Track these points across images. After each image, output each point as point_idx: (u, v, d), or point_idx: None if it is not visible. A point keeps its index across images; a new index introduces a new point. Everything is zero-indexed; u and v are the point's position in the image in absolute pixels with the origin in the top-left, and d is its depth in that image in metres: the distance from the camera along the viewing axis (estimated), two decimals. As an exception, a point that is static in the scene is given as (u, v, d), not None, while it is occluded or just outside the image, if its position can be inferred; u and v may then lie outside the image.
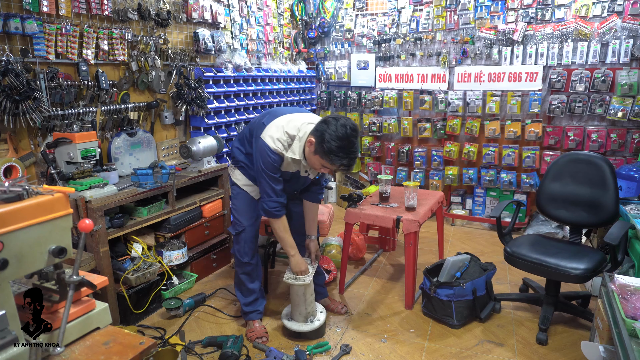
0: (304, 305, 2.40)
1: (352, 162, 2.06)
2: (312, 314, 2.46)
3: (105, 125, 2.84)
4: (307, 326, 2.42)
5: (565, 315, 2.64)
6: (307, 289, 2.37)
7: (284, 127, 2.14)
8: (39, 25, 2.39)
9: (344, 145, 1.99)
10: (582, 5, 3.65)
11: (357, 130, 2.05)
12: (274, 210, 2.21)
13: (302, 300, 2.39)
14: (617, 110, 3.57)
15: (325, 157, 2.03)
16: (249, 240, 2.42)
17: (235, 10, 3.90)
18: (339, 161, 2.02)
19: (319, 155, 2.05)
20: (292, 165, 2.21)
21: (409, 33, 4.38)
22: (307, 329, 2.41)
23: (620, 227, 2.23)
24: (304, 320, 2.43)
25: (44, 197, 1.19)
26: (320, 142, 2.01)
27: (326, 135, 1.99)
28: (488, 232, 4.14)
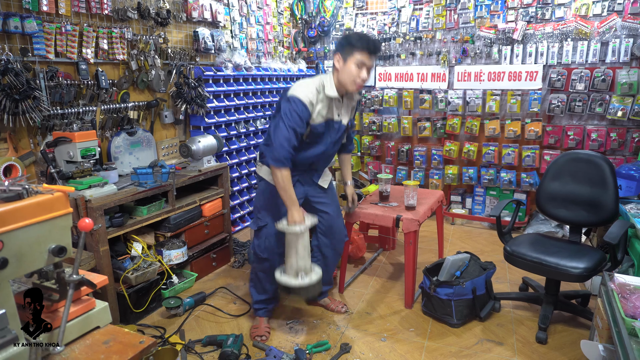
0: (295, 258, 2.23)
1: (376, 44, 2.18)
2: (305, 270, 2.26)
3: (105, 124, 2.84)
4: (295, 281, 2.24)
5: (565, 314, 2.65)
6: (299, 241, 2.21)
7: (310, 83, 2.23)
8: (38, 24, 2.38)
9: (362, 36, 2.17)
10: (582, 4, 3.65)
11: None
12: (284, 157, 2.13)
13: (294, 252, 2.23)
14: (617, 109, 3.57)
15: (352, 50, 2.15)
16: (271, 236, 2.40)
17: (235, 9, 3.90)
18: (364, 44, 2.14)
19: (348, 56, 2.16)
20: (324, 111, 2.23)
21: (408, 32, 4.38)
22: (295, 284, 2.24)
23: (620, 226, 2.24)
24: (295, 275, 2.25)
25: (43, 197, 1.19)
26: (342, 46, 2.18)
27: (343, 40, 2.20)
28: (488, 231, 4.15)
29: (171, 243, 2.87)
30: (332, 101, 2.24)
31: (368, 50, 2.14)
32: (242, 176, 3.99)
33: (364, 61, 2.15)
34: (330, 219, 2.55)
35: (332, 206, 2.57)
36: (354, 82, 2.19)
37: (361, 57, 2.14)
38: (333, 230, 2.57)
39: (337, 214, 2.60)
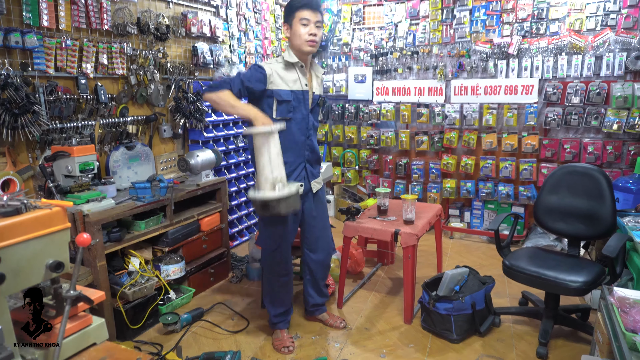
0: (270, 167, 2.02)
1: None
2: (281, 180, 2.05)
3: (103, 138, 2.84)
4: (272, 193, 2.00)
5: (565, 328, 2.63)
6: (271, 146, 2.02)
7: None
8: (39, 39, 2.41)
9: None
10: (575, 19, 3.71)
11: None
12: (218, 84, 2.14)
13: (267, 160, 2.01)
14: (612, 122, 3.60)
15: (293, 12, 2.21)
16: (287, 251, 2.43)
17: (233, 25, 3.94)
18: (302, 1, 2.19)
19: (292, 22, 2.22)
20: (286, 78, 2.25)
21: (405, 47, 4.43)
22: (273, 195, 1.99)
23: (618, 239, 2.24)
24: (272, 187, 2.02)
25: (42, 211, 1.18)
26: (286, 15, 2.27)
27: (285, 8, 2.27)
28: (486, 245, 4.14)
29: (169, 258, 2.86)
30: (294, 68, 2.27)
31: (307, 6, 2.19)
32: (241, 190, 3.99)
33: (307, 17, 2.20)
34: (317, 232, 2.54)
35: (320, 218, 2.55)
36: (305, 42, 2.22)
37: (303, 14, 2.19)
38: (320, 244, 2.56)
39: (325, 227, 2.59)
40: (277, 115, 2.24)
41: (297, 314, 2.82)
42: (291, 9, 2.22)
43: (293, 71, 2.27)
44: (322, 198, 2.58)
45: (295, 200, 2.05)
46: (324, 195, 2.60)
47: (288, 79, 2.25)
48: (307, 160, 2.42)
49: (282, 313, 2.55)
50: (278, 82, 2.23)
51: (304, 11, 2.19)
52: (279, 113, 2.25)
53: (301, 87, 2.29)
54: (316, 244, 2.55)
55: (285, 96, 2.24)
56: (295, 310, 2.79)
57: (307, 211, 2.48)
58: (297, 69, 2.28)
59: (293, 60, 2.25)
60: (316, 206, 2.52)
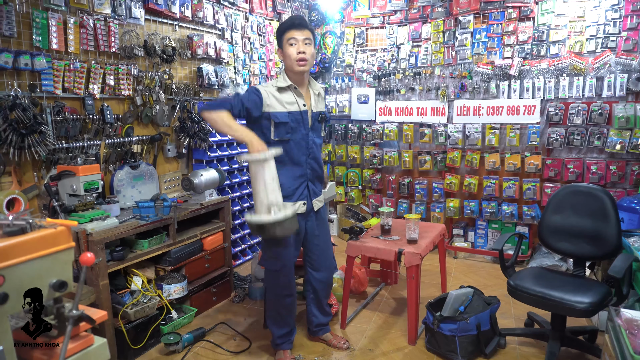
0: (265, 192, 2.06)
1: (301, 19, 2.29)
2: (277, 205, 2.08)
3: (108, 158, 2.87)
4: (268, 216, 2.04)
5: (572, 351, 2.58)
6: (266, 172, 2.06)
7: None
8: (48, 61, 2.46)
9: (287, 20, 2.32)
10: (576, 41, 3.75)
11: None
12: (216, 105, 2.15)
13: (262, 185, 2.06)
14: (615, 142, 3.60)
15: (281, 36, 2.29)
16: (289, 274, 2.42)
17: (238, 47, 4.01)
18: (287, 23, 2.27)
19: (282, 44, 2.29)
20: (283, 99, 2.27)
21: (408, 68, 4.48)
22: (268, 219, 2.03)
23: (624, 259, 2.22)
24: (267, 211, 2.06)
25: (47, 231, 1.19)
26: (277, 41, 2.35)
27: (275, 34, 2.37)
28: (490, 264, 4.10)
29: (171, 277, 2.85)
30: (290, 90, 2.30)
31: (292, 26, 2.24)
32: (244, 209, 3.99)
33: (294, 36, 2.25)
34: (320, 250, 2.53)
35: (323, 237, 2.55)
36: (296, 61, 2.26)
37: (290, 34, 2.25)
38: (323, 262, 2.55)
39: (327, 245, 2.58)
40: (275, 136, 2.26)
41: (300, 334, 2.79)
42: (280, 32, 2.30)
43: (288, 93, 2.30)
44: (324, 216, 2.59)
45: (291, 223, 2.08)
46: (326, 213, 2.61)
47: (284, 101, 2.27)
48: (309, 179, 2.42)
49: (285, 334, 2.52)
50: (274, 105, 2.25)
51: (290, 31, 2.25)
52: (277, 134, 2.27)
53: (299, 107, 2.31)
54: (319, 263, 2.54)
55: (282, 118, 2.26)
56: (298, 330, 2.76)
57: (310, 230, 2.48)
58: (291, 90, 2.30)
59: (283, 84, 2.28)
60: (318, 225, 2.52)
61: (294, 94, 2.30)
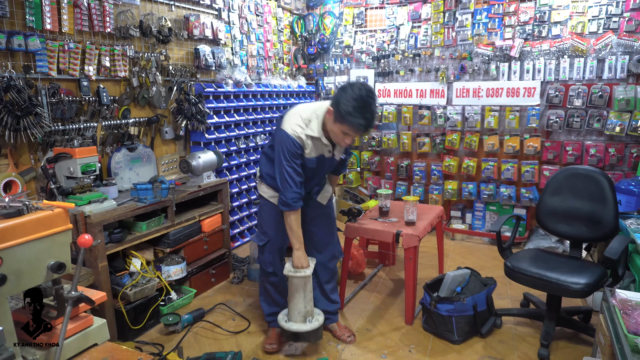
0: (303, 303, 2.30)
1: (369, 122, 2.07)
2: (311, 313, 2.36)
3: (105, 140, 2.85)
4: (306, 325, 2.31)
5: (567, 330, 2.62)
6: (307, 285, 2.29)
7: (299, 113, 2.21)
8: (41, 42, 2.42)
9: (360, 105, 2.02)
10: (577, 22, 3.70)
11: (373, 92, 2.09)
12: (292, 200, 2.19)
13: (302, 296, 2.29)
14: (614, 125, 3.59)
15: (344, 121, 2.06)
16: (274, 251, 2.44)
17: (235, 27, 3.95)
18: (356, 121, 2.03)
19: (339, 122, 2.09)
20: (314, 149, 2.23)
21: (407, 49, 4.43)
22: (307, 328, 2.30)
23: (621, 241, 2.23)
24: (303, 320, 2.32)
25: (43, 213, 1.19)
26: (337, 107, 2.07)
27: (342, 99, 2.05)
28: (488, 246, 4.13)
29: (170, 259, 2.86)
30: (319, 140, 2.22)
31: (358, 129, 2.07)
32: (242, 192, 4.00)
33: (351, 134, 2.13)
34: (324, 236, 2.54)
35: (328, 222, 2.56)
36: (339, 141, 2.21)
37: (349, 131, 2.10)
38: (327, 248, 2.56)
39: (332, 232, 2.59)
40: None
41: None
42: (343, 118, 2.05)
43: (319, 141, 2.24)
44: (330, 204, 2.60)
45: (321, 330, 2.41)
46: (332, 203, 2.63)
47: (317, 146, 2.25)
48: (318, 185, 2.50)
49: (274, 313, 2.56)
50: (307, 151, 2.24)
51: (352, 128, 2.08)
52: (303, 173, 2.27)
53: (325, 154, 2.30)
54: (320, 247, 2.55)
55: (310, 164, 2.28)
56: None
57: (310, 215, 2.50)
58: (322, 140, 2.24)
59: (315, 135, 2.20)
60: (323, 210, 2.54)
61: (324, 143, 2.26)
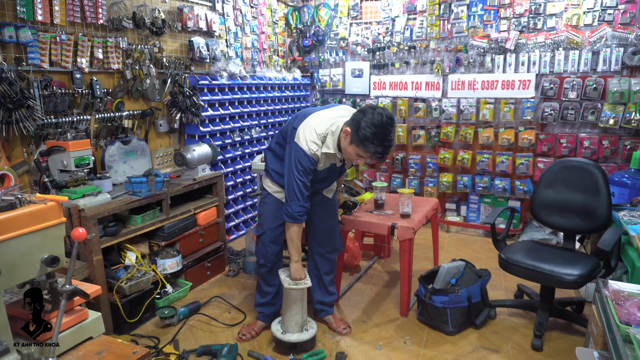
0: (301, 313, 2.37)
1: (386, 150, 2.07)
2: (306, 321, 2.43)
3: (99, 133, 2.83)
4: (305, 334, 2.37)
5: (560, 321, 2.65)
6: (304, 295, 2.35)
7: (314, 128, 2.18)
8: (33, 33, 2.39)
9: (379, 132, 2.01)
10: (573, 14, 3.70)
11: (393, 120, 2.08)
12: (298, 214, 2.21)
13: (300, 307, 2.35)
14: (608, 117, 3.61)
15: (361, 145, 2.05)
16: (267, 243, 2.46)
17: (230, 19, 3.92)
18: (373, 148, 2.04)
19: (355, 145, 2.08)
20: (327, 161, 2.25)
21: (402, 41, 4.42)
22: (307, 337, 2.37)
23: (613, 233, 2.25)
24: (300, 329, 2.38)
25: (36, 206, 1.18)
26: (355, 130, 2.04)
27: (362, 123, 2.02)
28: (482, 238, 4.15)
29: (165, 252, 2.86)
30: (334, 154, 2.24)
31: (375, 154, 2.09)
32: (237, 185, 3.99)
33: (365, 158, 2.14)
34: (327, 227, 2.55)
35: (331, 214, 2.57)
36: (350, 161, 2.25)
37: (364, 155, 2.11)
38: (328, 240, 2.57)
39: (334, 224, 2.60)
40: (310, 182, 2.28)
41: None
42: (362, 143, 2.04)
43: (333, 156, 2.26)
44: (334, 198, 2.62)
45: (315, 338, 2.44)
46: (335, 199, 2.64)
47: (330, 158, 2.26)
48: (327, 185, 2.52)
49: (262, 304, 2.60)
50: (321, 165, 2.25)
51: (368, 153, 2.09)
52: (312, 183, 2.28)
53: (337, 163, 2.32)
54: (322, 239, 2.56)
55: (321, 174, 2.31)
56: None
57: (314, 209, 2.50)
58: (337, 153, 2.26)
59: (330, 152, 2.21)
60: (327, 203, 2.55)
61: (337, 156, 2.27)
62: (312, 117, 2.23)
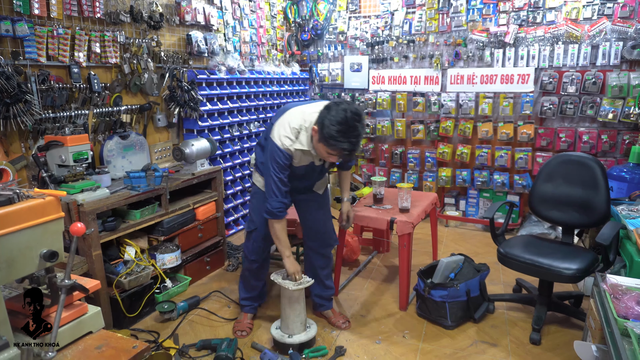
0: (304, 311, 2.36)
1: (353, 146, 2.01)
2: (307, 321, 2.43)
3: (97, 128, 2.82)
4: (310, 332, 2.37)
5: (558, 315, 2.66)
6: (303, 294, 2.34)
7: (289, 122, 2.16)
8: (30, 27, 2.37)
9: (343, 129, 1.96)
10: (572, 8, 3.69)
11: (359, 114, 2.01)
12: (277, 210, 2.20)
13: (303, 305, 2.34)
14: (607, 111, 3.60)
15: (326, 142, 2.01)
16: (259, 240, 2.45)
17: (228, 13, 3.90)
18: (339, 145, 1.98)
19: (322, 143, 2.04)
20: (304, 158, 2.22)
21: (401, 35, 4.40)
22: (313, 334, 2.37)
23: (612, 227, 2.25)
24: (303, 328, 2.37)
25: (35, 201, 1.18)
26: (321, 128, 2.01)
27: (326, 121, 1.98)
28: (481, 233, 4.16)
29: (165, 247, 2.86)
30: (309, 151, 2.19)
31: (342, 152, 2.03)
32: (236, 179, 3.98)
33: (336, 155, 2.08)
34: (318, 223, 2.54)
35: (322, 210, 2.56)
36: (325, 159, 2.20)
37: (333, 153, 2.06)
38: (320, 235, 2.56)
39: (326, 218, 2.59)
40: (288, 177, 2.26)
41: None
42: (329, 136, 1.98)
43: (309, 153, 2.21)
44: (326, 193, 2.60)
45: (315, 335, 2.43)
46: (328, 191, 2.63)
47: (306, 156, 2.23)
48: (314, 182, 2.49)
49: (249, 297, 2.62)
50: (296, 161, 2.23)
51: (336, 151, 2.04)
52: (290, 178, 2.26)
53: (316, 162, 2.29)
54: (315, 234, 2.55)
55: (298, 171, 2.28)
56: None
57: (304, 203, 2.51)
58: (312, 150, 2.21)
59: (303, 149, 2.17)
60: (318, 197, 2.54)
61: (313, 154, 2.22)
62: (288, 112, 2.20)
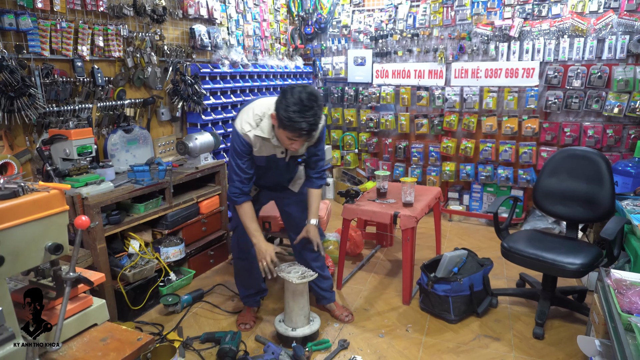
0: (307, 305, 2.37)
1: (311, 126, 1.97)
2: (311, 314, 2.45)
3: (101, 121, 2.83)
4: (314, 325, 2.39)
5: (561, 309, 2.66)
6: (307, 287, 2.35)
7: (253, 109, 2.16)
8: (33, 21, 2.37)
9: (298, 109, 1.93)
10: (578, 1, 3.65)
11: (314, 95, 1.98)
12: (233, 195, 2.22)
13: (306, 299, 2.34)
14: (613, 106, 3.58)
15: (284, 126, 1.98)
16: (243, 236, 2.40)
17: (231, 6, 3.88)
18: (297, 125, 1.94)
19: (282, 128, 2.01)
20: (264, 148, 2.20)
21: (405, 29, 4.37)
22: (317, 326, 2.40)
23: (617, 222, 2.24)
24: (307, 321, 2.39)
25: (39, 194, 1.18)
26: (277, 112, 1.99)
27: (282, 104, 1.96)
28: (485, 227, 4.16)
29: (168, 240, 2.87)
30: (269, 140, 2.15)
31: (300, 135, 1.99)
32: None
33: (294, 139, 2.04)
34: (298, 219, 2.50)
35: (299, 206, 2.50)
36: (287, 148, 2.15)
37: (293, 137, 2.02)
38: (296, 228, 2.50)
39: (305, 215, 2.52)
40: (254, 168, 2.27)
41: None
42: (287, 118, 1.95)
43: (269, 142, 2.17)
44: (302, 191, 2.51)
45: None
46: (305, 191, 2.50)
47: (267, 146, 2.19)
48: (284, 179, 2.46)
49: (248, 295, 2.61)
50: (257, 150, 2.20)
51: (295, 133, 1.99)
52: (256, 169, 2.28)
53: (278, 154, 2.25)
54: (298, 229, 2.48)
55: (259, 162, 2.27)
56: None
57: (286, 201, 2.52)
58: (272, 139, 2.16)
59: (264, 136, 2.14)
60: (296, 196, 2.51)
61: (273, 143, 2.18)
62: (257, 101, 2.21)
